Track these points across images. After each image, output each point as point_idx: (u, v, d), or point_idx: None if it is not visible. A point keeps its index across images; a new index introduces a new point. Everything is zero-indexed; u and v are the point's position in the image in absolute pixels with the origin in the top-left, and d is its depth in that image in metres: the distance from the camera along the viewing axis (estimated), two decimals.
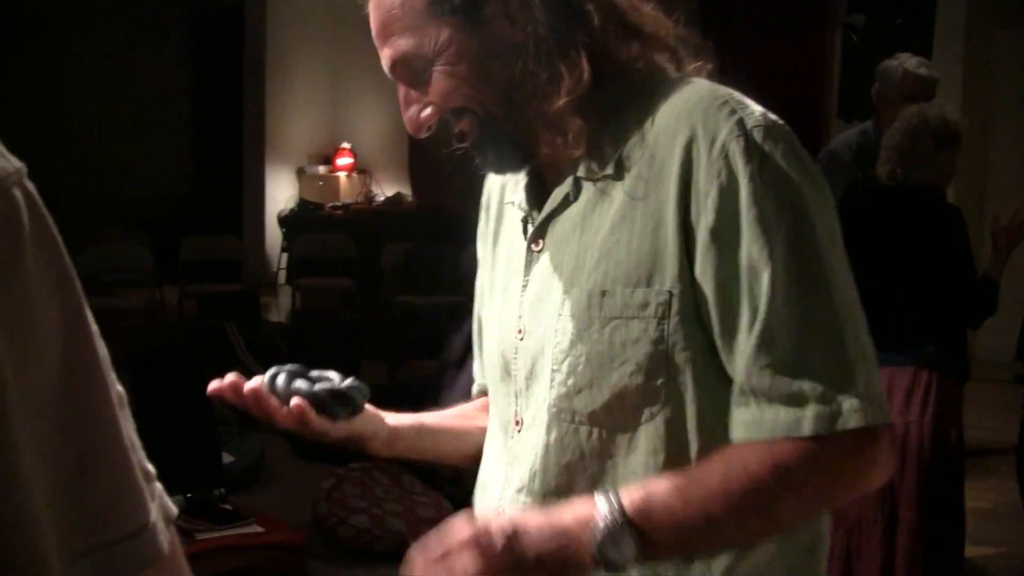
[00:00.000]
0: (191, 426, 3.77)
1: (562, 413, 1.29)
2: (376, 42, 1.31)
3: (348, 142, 10.82)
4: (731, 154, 1.19)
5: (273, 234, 10.55)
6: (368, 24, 1.31)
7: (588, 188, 1.29)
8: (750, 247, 1.17)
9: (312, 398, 1.34)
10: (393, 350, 6.28)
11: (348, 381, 1.39)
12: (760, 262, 1.17)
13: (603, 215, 1.27)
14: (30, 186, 0.70)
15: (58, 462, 0.70)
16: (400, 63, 1.29)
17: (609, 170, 1.27)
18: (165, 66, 11.98)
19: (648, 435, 1.24)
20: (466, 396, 1.61)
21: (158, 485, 0.78)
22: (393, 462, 4.19)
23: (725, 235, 1.19)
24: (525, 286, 1.34)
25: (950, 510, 3.39)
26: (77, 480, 0.71)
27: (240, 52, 10.83)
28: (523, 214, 1.37)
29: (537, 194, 1.36)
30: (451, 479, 4.35)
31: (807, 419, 1.15)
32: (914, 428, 3.33)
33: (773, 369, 1.16)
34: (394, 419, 1.49)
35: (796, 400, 1.16)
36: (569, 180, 1.30)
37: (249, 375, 1.38)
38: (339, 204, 10.39)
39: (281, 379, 1.36)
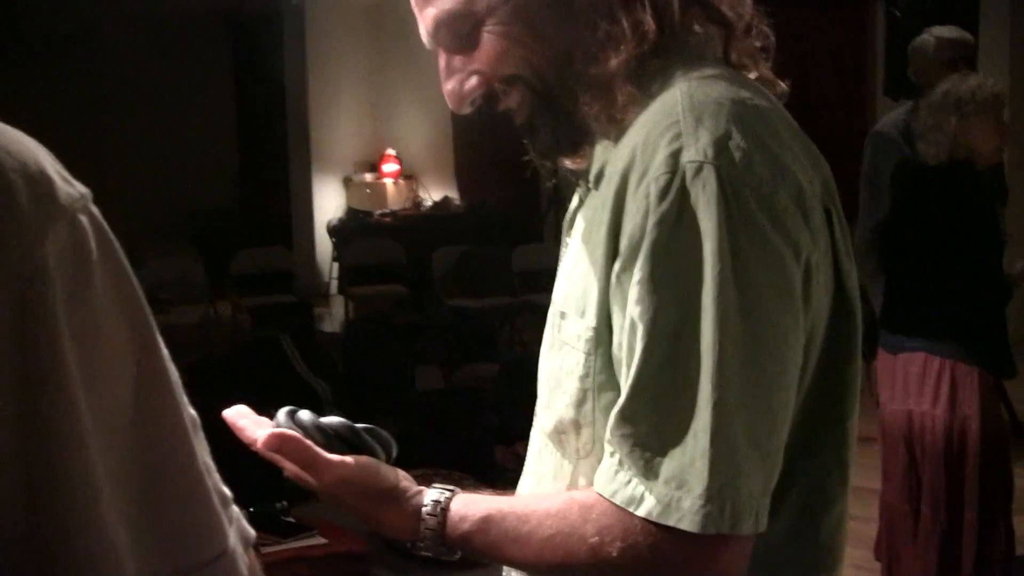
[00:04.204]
0: None
1: (536, 425, 1.25)
2: (415, 6, 1.16)
3: (393, 148, 10.85)
4: (651, 194, 1.02)
5: (323, 244, 10.60)
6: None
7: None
8: (635, 307, 1.02)
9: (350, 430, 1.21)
10: (448, 354, 6.28)
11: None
12: (639, 327, 1.02)
13: (582, 226, 1.17)
14: (96, 211, 0.70)
15: (133, 489, 0.69)
16: (444, 26, 1.14)
17: (592, 174, 1.16)
18: (206, 79, 12.02)
19: (585, 474, 1.14)
20: None
21: (235, 509, 0.77)
22: (454, 468, 4.20)
23: (624, 284, 1.04)
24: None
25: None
26: (153, 507, 0.69)
27: (281, 62, 10.89)
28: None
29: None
30: (514, 486, 4.34)
31: (646, 500, 1.01)
32: (938, 420, 3.23)
33: (633, 440, 1.03)
34: None
35: (646, 475, 1.02)
36: (588, 174, 1.18)
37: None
38: (387, 211, 10.43)
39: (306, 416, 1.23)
